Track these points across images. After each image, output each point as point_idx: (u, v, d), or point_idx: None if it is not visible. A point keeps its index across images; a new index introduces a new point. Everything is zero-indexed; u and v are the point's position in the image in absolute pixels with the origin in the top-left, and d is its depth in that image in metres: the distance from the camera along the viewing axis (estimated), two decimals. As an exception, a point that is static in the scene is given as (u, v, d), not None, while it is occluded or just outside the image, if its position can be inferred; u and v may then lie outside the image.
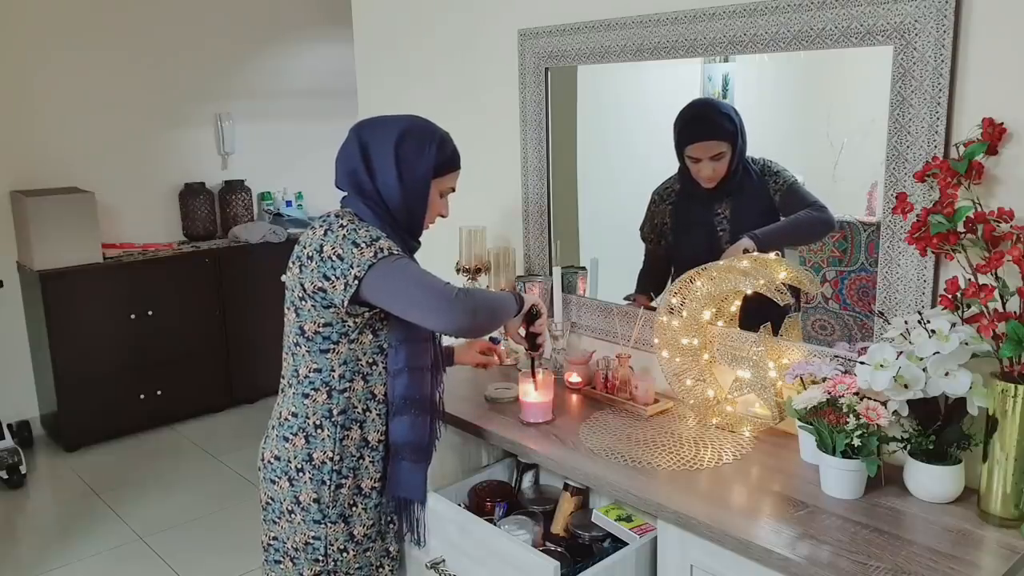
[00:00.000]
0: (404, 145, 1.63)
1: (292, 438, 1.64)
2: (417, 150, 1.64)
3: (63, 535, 3.27)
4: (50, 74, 4.16)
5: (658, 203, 2.03)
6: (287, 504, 1.65)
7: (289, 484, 1.64)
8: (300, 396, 1.64)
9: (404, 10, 2.66)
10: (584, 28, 2.05)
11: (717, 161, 1.88)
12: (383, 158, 1.63)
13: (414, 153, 1.64)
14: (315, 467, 1.63)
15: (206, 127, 4.75)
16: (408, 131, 1.65)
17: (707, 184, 1.92)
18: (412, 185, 1.64)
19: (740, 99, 1.91)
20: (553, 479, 2.00)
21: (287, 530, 1.67)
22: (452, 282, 1.60)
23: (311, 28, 5.07)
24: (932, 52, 1.46)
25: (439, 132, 1.69)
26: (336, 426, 1.63)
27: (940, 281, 1.52)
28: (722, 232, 1.94)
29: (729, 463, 1.65)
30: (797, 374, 1.61)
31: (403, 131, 1.65)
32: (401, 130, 1.65)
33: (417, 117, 1.71)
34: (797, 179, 1.84)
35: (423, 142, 1.65)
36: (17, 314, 4.17)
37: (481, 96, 2.44)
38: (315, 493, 1.63)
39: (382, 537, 1.74)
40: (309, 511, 1.64)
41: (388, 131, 1.65)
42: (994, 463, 1.38)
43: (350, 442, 1.64)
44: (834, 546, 1.33)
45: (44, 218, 3.86)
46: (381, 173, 1.63)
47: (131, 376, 4.15)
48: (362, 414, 1.65)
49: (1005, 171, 1.44)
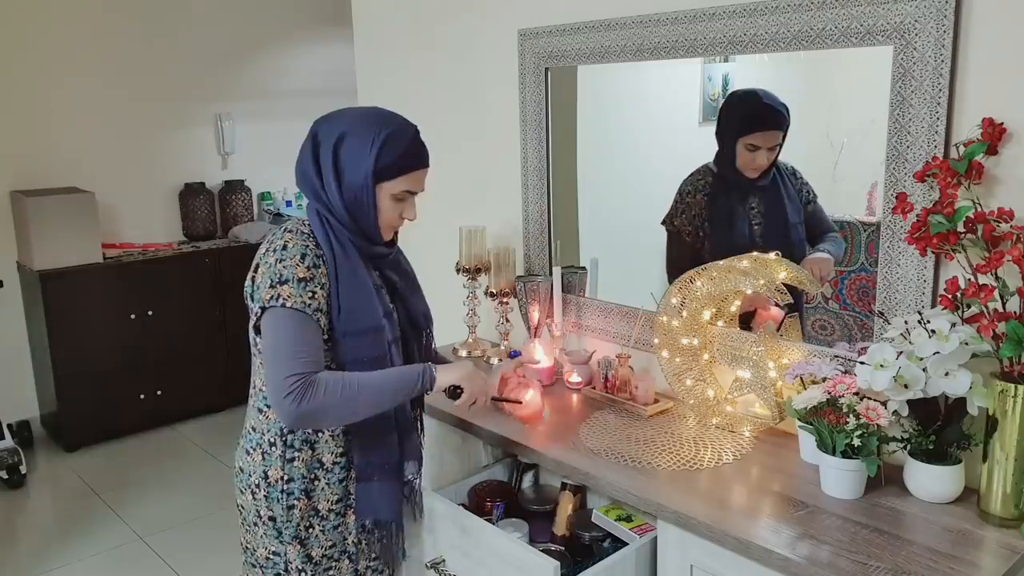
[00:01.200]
0: (344, 145, 1.51)
1: (252, 452, 1.59)
2: (357, 151, 1.51)
3: (63, 535, 3.27)
4: (50, 74, 4.16)
5: (692, 194, 1.99)
6: (251, 516, 1.61)
7: (251, 497, 1.59)
8: (256, 410, 1.60)
9: (404, 10, 2.66)
10: (584, 28, 2.06)
11: (771, 151, 1.87)
12: (325, 159, 1.52)
13: (354, 154, 1.51)
14: (270, 484, 1.56)
15: (206, 127, 4.75)
16: (351, 130, 1.51)
17: (753, 174, 1.89)
18: (351, 190, 1.52)
19: (740, 99, 1.91)
20: (553, 479, 2.00)
21: (254, 540, 1.62)
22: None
23: (311, 28, 5.07)
24: (932, 52, 1.46)
25: (387, 130, 1.52)
26: (286, 445, 1.55)
27: (940, 281, 1.52)
28: (756, 226, 1.93)
29: (729, 463, 1.65)
30: (797, 374, 1.61)
31: (345, 130, 1.51)
32: (344, 128, 1.52)
33: (374, 111, 1.56)
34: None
35: (365, 142, 1.50)
36: (17, 314, 4.17)
37: (481, 96, 2.44)
38: (270, 511, 1.57)
39: (349, 558, 1.63)
40: (268, 527, 1.58)
41: (334, 128, 1.53)
42: (994, 463, 1.38)
43: (300, 463, 1.55)
44: (834, 546, 1.33)
45: (44, 218, 3.86)
46: (324, 175, 1.53)
47: (131, 376, 4.15)
48: (313, 434, 1.56)
49: (1005, 171, 1.44)
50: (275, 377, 1.43)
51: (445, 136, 2.59)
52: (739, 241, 1.93)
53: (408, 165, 1.54)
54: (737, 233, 1.95)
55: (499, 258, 2.28)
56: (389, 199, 1.54)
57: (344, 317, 1.51)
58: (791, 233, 1.88)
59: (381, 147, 1.50)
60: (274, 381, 1.43)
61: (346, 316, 1.51)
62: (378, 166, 1.51)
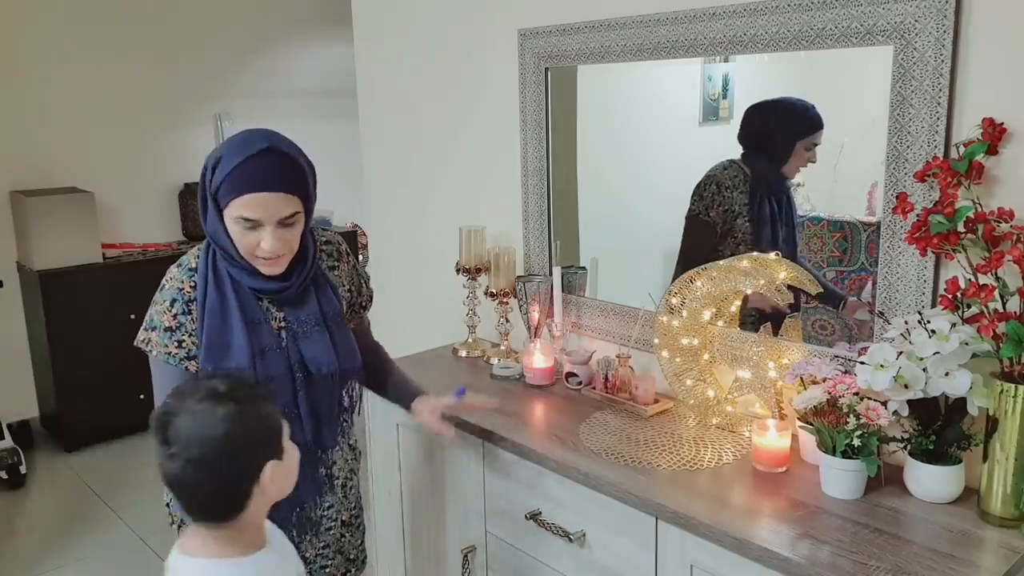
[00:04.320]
0: (204, 164, 1.47)
1: None
2: (204, 173, 1.46)
3: (63, 535, 3.27)
4: (50, 74, 4.16)
5: (730, 190, 2.00)
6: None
7: None
8: None
9: (404, 10, 2.66)
10: (584, 28, 2.05)
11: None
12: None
13: (203, 176, 1.47)
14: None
15: (206, 127, 4.74)
16: (214, 150, 1.47)
17: (795, 175, 1.93)
18: (204, 218, 1.49)
19: (740, 99, 1.91)
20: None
21: None
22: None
23: (311, 28, 5.07)
24: (932, 52, 1.46)
25: (224, 151, 1.43)
26: None
27: (940, 281, 1.52)
28: (783, 226, 1.95)
29: (729, 463, 1.65)
30: (797, 374, 1.61)
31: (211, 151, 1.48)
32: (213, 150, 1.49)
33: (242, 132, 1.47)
34: None
35: (209, 162, 1.45)
36: (17, 314, 4.17)
37: (481, 96, 2.44)
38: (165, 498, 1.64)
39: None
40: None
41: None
42: (994, 463, 1.38)
43: None
44: (834, 546, 1.33)
45: (44, 218, 3.86)
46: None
47: (131, 376, 4.10)
48: None
49: (1005, 171, 1.44)
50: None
51: (445, 136, 2.59)
52: (766, 239, 1.95)
53: (237, 188, 1.40)
54: (769, 231, 1.98)
55: (499, 258, 2.28)
56: (234, 225, 1.44)
57: (204, 354, 1.49)
58: (797, 235, 1.90)
59: (212, 169, 1.43)
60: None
61: (205, 353, 1.49)
62: (210, 189, 1.44)
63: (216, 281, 1.50)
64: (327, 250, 1.67)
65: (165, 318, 1.50)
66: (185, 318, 1.50)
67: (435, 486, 2.08)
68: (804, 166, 1.90)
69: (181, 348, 1.50)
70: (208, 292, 1.50)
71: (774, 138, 1.94)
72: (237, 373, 1.42)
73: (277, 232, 1.44)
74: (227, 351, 1.49)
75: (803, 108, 1.87)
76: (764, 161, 1.96)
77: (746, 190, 1.98)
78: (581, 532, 1.68)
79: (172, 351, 1.50)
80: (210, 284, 1.50)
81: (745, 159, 1.96)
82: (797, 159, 1.91)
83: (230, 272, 1.51)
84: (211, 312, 1.49)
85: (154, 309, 1.52)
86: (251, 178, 1.40)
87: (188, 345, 1.50)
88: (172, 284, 1.53)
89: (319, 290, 1.60)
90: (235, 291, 1.51)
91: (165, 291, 1.53)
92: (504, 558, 1.90)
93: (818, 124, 1.86)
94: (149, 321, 1.53)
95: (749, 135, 1.94)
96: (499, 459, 1.85)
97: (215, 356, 1.49)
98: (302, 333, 1.57)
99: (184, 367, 1.50)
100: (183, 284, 1.52)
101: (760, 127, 1.93)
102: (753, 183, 1.98)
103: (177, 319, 1.50)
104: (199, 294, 1.50)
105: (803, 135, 1.88)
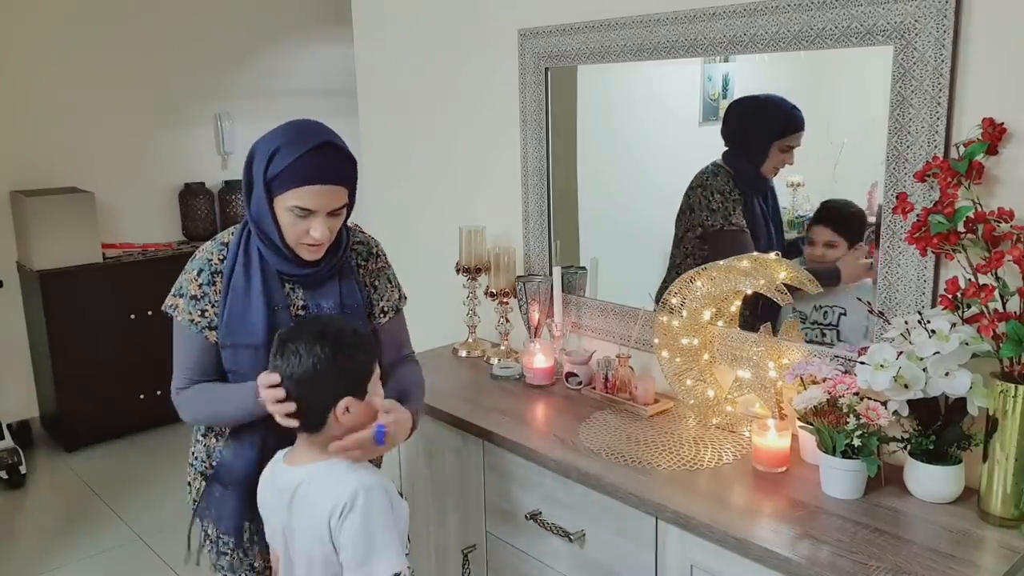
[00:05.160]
0: (255, 156, 1.53)
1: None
2: (258, 162, 1.51)
3: (63, 535, 3.27)
4: (50, 74, 4.16)
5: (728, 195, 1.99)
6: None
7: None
8: None
9: (404, 10, 2.66)
10: (584, 28, 2.05)
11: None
12: (245, 169, 1.56)
13: (257, 165, 1.51)
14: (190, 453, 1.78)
15: (206, 127, 4.74)
16: (262, 141, 1.53)
17: (773, 175, 1.93)
18: (254, 202, 1.54)
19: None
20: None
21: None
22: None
23: (311, 28, 5.07)
24: (932, 52, 1.46)
25: (283, 140, 1.48)
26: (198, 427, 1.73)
27: (940, 281, 1.52)
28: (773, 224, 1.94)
29: (729, 463, 1.65)
30: (797, 374, 1.61)
31: (259, 141, 1.53)
32: (260, 139, 1.53)
33: (295, 122, 1.53)
34: None
35: (264, 152, 1.49)
36: (17, 314, 4.17)
37: (481, 96, 2.44)
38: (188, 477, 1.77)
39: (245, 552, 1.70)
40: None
41: (258, 141, 1.55)
42: (994, 463, 1.38)
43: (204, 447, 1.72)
44: (834, 546, 1.33)
45: (44, 218, 3.86)
46: (244, 186, 1.58)
47: (131, 376, 4.15)
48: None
49: (1005, 171, 1.44)
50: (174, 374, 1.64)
51: (445, 136, 2.60)
52: (768, 240, 1.95)
53: (297, 179, 1.46)
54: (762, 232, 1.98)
55: (499, 258, 2.28)
56: (287, 214, 1.50)
57: (224, 329, 1.56)
58: (783, 233, 1.90)
59: (271, 157, 1.47)
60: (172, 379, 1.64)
61: (225, 328, 1.56)
62: (267, 177, 1.48)
63: (245, 261, 1.57)
64: (358, 249, 1.72)
65: (192, 287, 1.58)
66: (209, 288, 1.57)
67: (435, 486, 2.08)
68: (781, 167, 1.90)
69: (204, 317, 1.57)
70: (235, 270, 1.56)
71: (750, 136, 1.94)
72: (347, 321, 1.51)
73: (327, 221, 1.51)
74: (243, 328, 1.56)
75: (781, 107, 1.86)
76: (744, 160, 1.96)
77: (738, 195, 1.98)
78: (581, 532, 1.68)
79: (195, 319, 1.57)
80: (238, 263, 1.56)
81: (726, 158, 1.96)
82: (774, 159, 1.90)
83: (263, 254, 1.57)
84: (234, 289, 1.56)
85: (183, 277, 1.60)
86: (311, 171, 1.47)
87: (210, 315, 1.57)
88: (202, 255, 1.60)
89: (343, 280, 1.65)
90: (262, 273, 1.57)
91: (195, 260, 1.60)
92: (504, 558, 1.90)
93: (794, 126, 1.85)
94: (178, 288, 1.60)
95: (730, 132, 1.94)
96: (499, 459, 1.85)
97: (233, 332, 1.56)
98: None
99: (205, 335, 1.58)
100: (212, 256, 1.59)
101: (737, 124, 1.94)
102: (739, 183, 1.97)
103: (202, 288, 1.57)
104: (226, 268, 1.57)
105: (778, 136, 1.88)
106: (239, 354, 1.56)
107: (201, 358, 1.59)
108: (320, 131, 1.52)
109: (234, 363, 1.57)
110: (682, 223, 2.04)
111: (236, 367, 1.57)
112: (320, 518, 1.40)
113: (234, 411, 1.55)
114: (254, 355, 1.55)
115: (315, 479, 1.44)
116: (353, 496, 1.38)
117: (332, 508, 1.39)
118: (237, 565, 1.70)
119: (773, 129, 1.89)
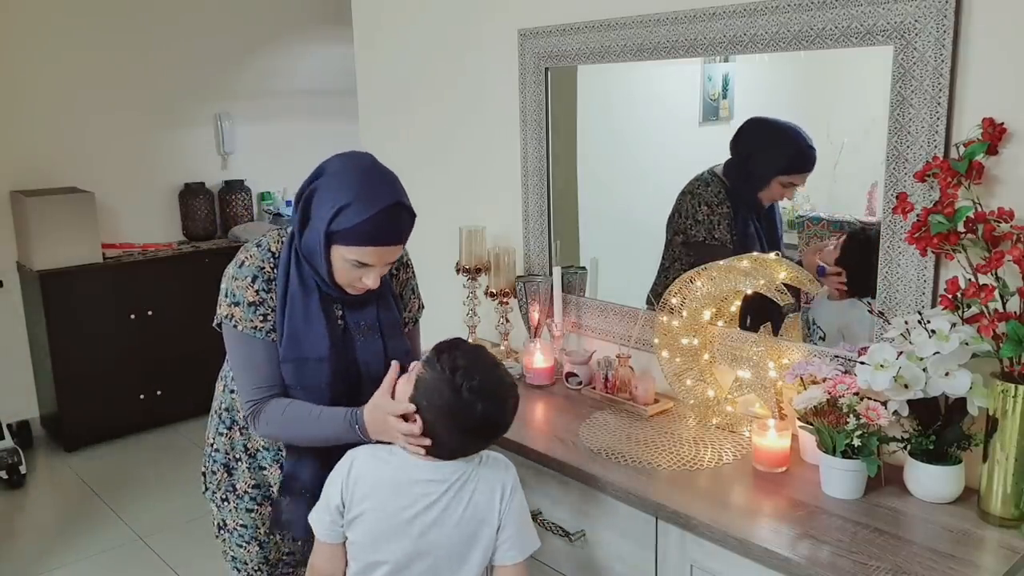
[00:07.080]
0: (316, 194, 1.48)
1: (213, 415, 1.75)
2: (320, 206, 1.47)
3: (63, 535, 3.27)
4: (50, 74, 4.15)
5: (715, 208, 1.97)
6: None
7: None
8: (217, 380, 1.74)
9: (404, 10, 2.66)
10: (584, 28, 2.05)
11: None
12: (302, 197, 1.52)
13: (319, 207, 1.48)
14: (208, 444, 1.74)
15: (206, 127, 4.74)
16: (328, 183, 1.47)
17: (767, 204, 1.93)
18: (308, 240, 1.51)
19: (740, 99, 1.92)
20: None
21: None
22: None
23: (311, 28, 5.07)
24: (932, 52, 1.46)
25: (353, 196, 1.43)
26: (222, 421, 1.70)
27: (940, 281, 1.52)
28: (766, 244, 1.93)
29: (729, 463, 1.65)
30: (797, 374, 1.61)
31: (326, 179, 1.48)
32: (327, 177, 1.48)
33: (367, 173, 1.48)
34: None
35: (329, 201, 1.46)
36: (17, 314, 4.17)
37: (481, 96, 2.44)
38: (203, 467, 1.76)
39: (260, 545, 1.73)
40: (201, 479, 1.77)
41: (325, 171, 1.50)
42: (994, 463, 1.38)
43: (227, 440, 1.70)
44: (834, 546, 1.33)
45: (44, 218, 3.86)
46: (297, 211, 1.53)
47: (131, 376, 4.15)
48: (243, 419, 1.64)
49: (1005, 171, 1.44)
50: (239, 396, 1.60)
51: (445, 136, 2.59)
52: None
53: (362, 239, 1.46)
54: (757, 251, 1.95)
55: (499, 258, 2.28)
56: (343, 261, 1.50)
57: (286, 343, 1.54)
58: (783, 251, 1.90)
59: (338, 212, 1.45)
60: (239, 399, 1.61)
61: (288, 342, 1.54)
62: (330, 229, 1.46)
63: (300, 274, 1.55)
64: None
65: (248, 293, 1.55)
66: (266, 295, 1.56)
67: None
68: (779, 199, 1.89)
69: (266, 322, 1.55)
70: (291, 280, 1.54)
71: (755, 161, 1.92)
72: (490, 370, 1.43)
73: (382, 271, 1.53)
74: (307, 342, 1.54)
75: (796, 143, 1.82)
76: (741, 180, 1.95)
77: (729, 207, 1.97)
78: (581, 532, 1.68)
79: (258, 324, 1.55)
80: (292, 274, 1.55)
81: (727, 169, 1.94)
82: (773, 191, 1.90)
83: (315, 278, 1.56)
84: (292, 298, 1.54)
85: (234, 284, 1.56)
86: (377, 233, 1.46)
87: (271, 320, 1.56)
88: (253, 262, 1.57)
89: (380, 297, 1.64)
90: (319, 291, 1.56)
91: (245, 267, 1.56)
92: (504, 558, 1.89)
93: (802, 166, 1.83)
94: (231, 297, 1.55)
95: (737, 149, 1.93)
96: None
97: (297, 346, 1.54)
98: (357, 335, 1.62)
99: (270, 338, 1.55)
100: (263, 264, 1.57)
101: (746, 144, 1.91)
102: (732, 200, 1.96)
103: (259, 295, 1.55)
104: (280, 277, 1.55)
105: (783, 171, 1.87)
106: (303, 369, 1.55)
107: (270, 367, 1.55)
108: (392, 188, 1.48)
109: (296, 378, 1.55)
110: (671, 227, 2.05)
111: (299, 382, 1.55)
112: (488, 504, 1.45)
113: (328, 438, 1.53)
114: (316, 367, 1.55)
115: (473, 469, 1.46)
116: (513, 478, 1.47)
117: (501, 491, 1.45)
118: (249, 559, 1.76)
119: (780, 163, 1.88)
